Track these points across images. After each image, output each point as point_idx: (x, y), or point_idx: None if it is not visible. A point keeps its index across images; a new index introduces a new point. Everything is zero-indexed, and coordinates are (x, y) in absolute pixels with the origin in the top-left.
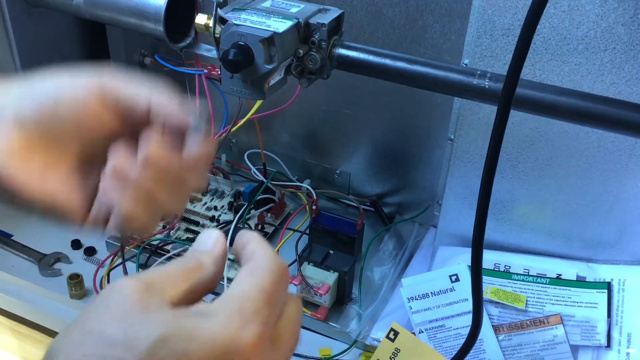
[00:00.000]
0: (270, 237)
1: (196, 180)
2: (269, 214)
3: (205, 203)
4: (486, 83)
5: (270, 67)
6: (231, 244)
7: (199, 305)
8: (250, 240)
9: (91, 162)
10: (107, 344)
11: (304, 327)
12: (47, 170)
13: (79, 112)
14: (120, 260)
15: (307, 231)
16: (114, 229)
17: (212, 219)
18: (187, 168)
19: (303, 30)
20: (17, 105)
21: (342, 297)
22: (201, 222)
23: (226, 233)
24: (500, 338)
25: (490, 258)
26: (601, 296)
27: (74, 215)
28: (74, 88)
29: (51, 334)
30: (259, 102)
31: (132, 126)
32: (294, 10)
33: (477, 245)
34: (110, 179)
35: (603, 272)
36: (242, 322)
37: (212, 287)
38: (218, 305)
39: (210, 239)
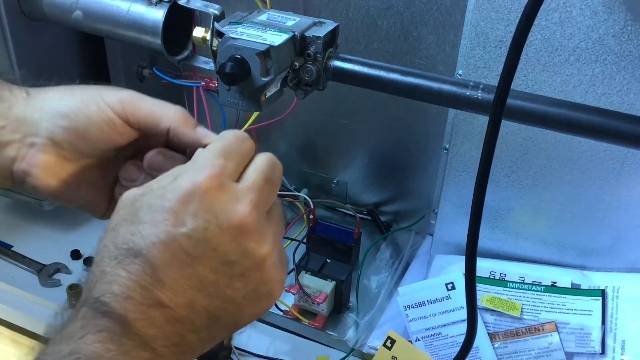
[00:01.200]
0: None
1: None
2: None
3: None
4: (479, 94)
5: (266, 79)
6: None
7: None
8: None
9: (110, 164)
10: (111, 228)
11: (301, 336)
12: (79, 179)
13: (107, 132)
14: None
15: (305, 240)
16: None
17: None
18: None
19: (299, 43)
20: (51, 126)
21: (339, 305)
22: None
23: None
24: (495, 345)
25: (485, 266)
26: (595, 303)
27: (99, 211)
28: (102, 109)
29: None
30: (256, 114)
31: (150, 137)
32: (289, 23)
33: (471, 253)
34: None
35: (597, 279)
36: (196, 171)
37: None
38: (182, 169)
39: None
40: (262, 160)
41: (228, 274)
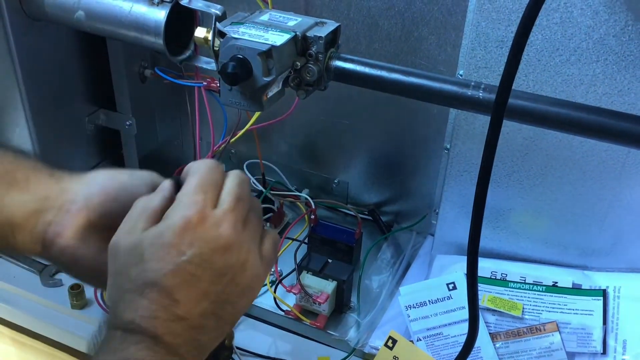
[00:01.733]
0: None
1: None
2: (268, 224)
3: None
4: (480, 94)
5: (268, 79)
6: None
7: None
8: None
9: None
10: (117, 272)
11: (302, 336)
12: (99, 247)
13: (134, 194)
14: None
15: (306, 240)
16: None
17: None
18: None
19: (300, 43)
20: (87, 192)
21: (340, 305)
22: None
23: None
24: (497, 345)
25: (486, 266)
26: (597, 303)
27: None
28: (132, 177)
29: (52, 343)
30: (257, 113)
31: None
32: (291, 23)
33: (472, 253)
34: None
35: (598, 279)
36: (184, 209)
37: (168, 205)
38: (171, 210)
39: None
40: (232, 182)
41: (222, 282)
